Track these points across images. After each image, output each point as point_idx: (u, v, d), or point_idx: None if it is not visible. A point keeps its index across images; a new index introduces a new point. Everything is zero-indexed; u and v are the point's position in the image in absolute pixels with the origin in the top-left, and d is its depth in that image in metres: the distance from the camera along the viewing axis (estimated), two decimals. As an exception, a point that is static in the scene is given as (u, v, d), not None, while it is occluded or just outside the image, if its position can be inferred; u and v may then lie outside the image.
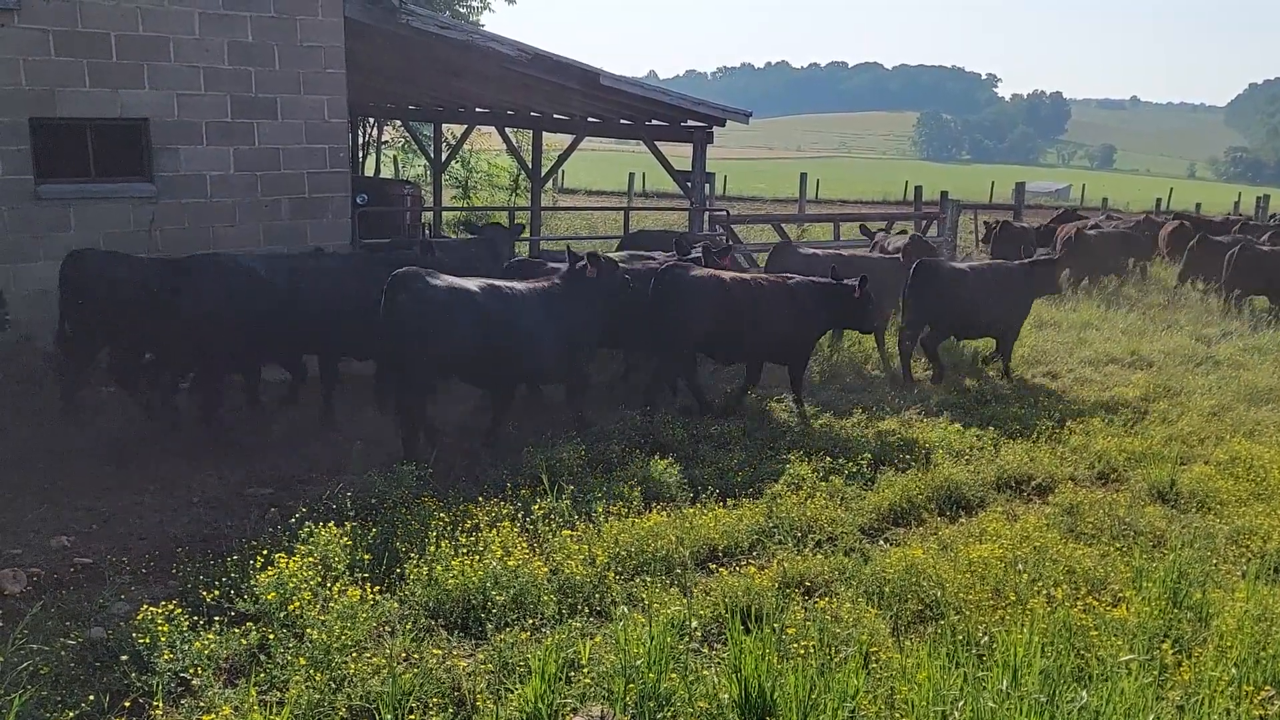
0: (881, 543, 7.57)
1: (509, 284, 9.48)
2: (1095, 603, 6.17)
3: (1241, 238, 18.59)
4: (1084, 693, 4.89)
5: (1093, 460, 9.42)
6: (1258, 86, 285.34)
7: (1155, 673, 5.30)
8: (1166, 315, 16.52)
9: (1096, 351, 13.97)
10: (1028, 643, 5.32)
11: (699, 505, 7.79)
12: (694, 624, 5.85)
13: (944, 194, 22.90)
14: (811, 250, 14.74)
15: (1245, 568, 6.95)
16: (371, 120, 29.01)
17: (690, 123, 17.30)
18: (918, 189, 25.70)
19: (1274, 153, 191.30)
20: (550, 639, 5.47)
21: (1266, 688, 5.12)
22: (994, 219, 22.09)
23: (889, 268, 13.52)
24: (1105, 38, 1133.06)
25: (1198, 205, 39.10)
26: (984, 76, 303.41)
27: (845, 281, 10.94)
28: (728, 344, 10.76)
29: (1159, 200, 39.25)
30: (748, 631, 5.53)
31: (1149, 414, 11.08)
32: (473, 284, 9.00)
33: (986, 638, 5.64)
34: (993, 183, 51.87)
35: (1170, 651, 5.53)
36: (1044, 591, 6.21)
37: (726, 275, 10.85)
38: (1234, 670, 5.29)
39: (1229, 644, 5.60)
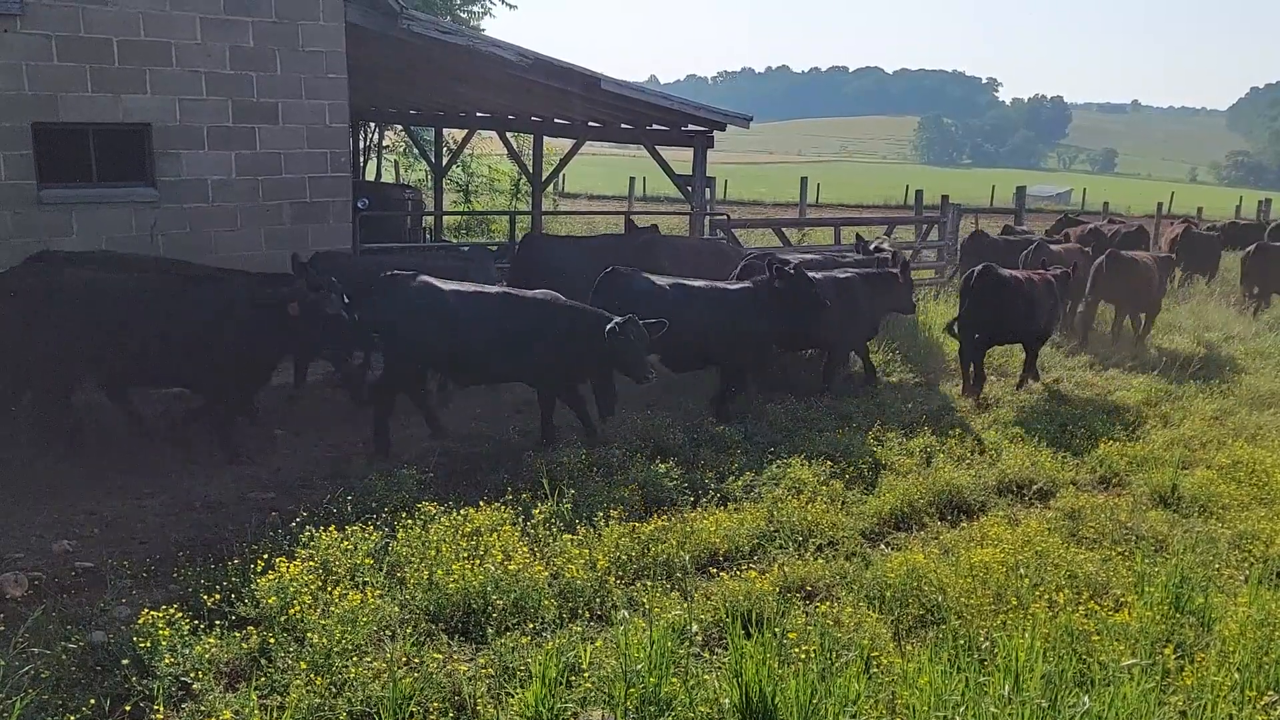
0: (883, 547, 7.57)
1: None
2: (1097, 607, 6.16)
3: None
4: (1086, 698, 4.88)
5: (1094, 465, 9.41)
6: (1260, 90, 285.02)
7: (1158, 678, 5.29)
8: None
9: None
10: (1029, 647, 5.31)
11: (700, 509, 7.79)
12: (695, 628, 5.85)
13: (945, 198, 22.86)
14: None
15: (1248, 572, 6.95)
16: (373, 125, 29.04)
17: (691, 127, 17.29)
18: (918, 193, 25.63)
19: (1276, 156, 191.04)
20: (551, 643, 5.46)
21: (1270, 693, 5.12)
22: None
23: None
24: (1106, 42, 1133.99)
25: (1199, 209, 39.06)
26: (985, 81, 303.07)
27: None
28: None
29: (1160, 204, 39.18)
30: (748, 636, 5.52)
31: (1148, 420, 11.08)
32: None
33: (988, 642, 5.64)
34: (994, 187, 51.89)
35: (1173, 656, 5.52)
36: (1046, 596, 6.20)
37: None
38: (1237, 675, 5.28)
39: (1232, 649, 5.59)
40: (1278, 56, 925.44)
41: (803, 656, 5.34)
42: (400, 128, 30.46)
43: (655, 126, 17.91)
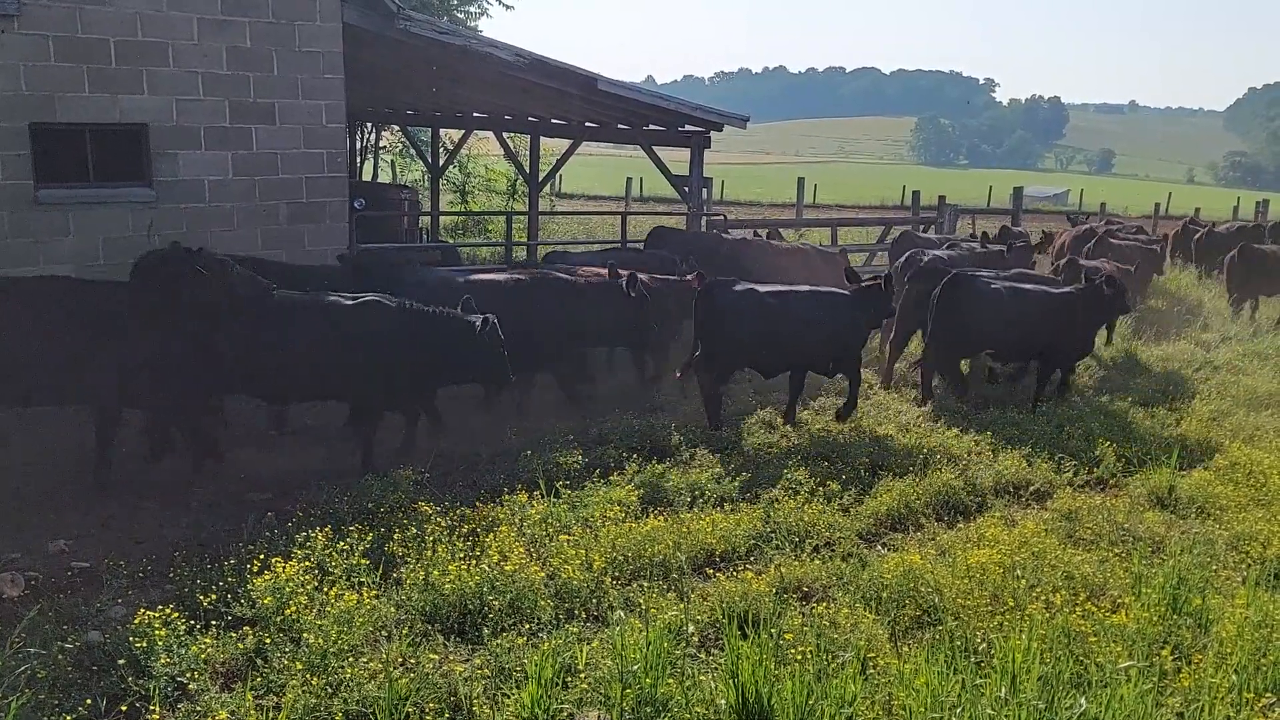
0: (879, 548, 7.57)
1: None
2: (1094, 609, 6.15)
3: None
4: (1083, 699, 4.88)
5: (1091, 465, 9.41)
6: (1257, 91, 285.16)
7: (1155, 679, 5.29)
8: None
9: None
10: (1026, 649, 5.32)
11: (696, 510, 7.79)
12: (691, 629, 5.85)
13: (941, 199, 22.91)
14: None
15: (1245, 574, 6.96)
16: (369, 125, 29.02)
17: (688, 127, 17.30)
18: (915, 194, 25.67)
19: (1274, 157, 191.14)
20: (547, 644, 5.47)
21: (1268, 695, 5.12)
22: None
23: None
24: (1103, 42, 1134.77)
25: (1197, 210, 39.10)
26: (982, 81, 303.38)
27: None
28: None
29: (1158, 205, 39.25)
30: (745, 637, 5.52)
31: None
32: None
33: (985, 644, 5.64)
34: (990, 187, 51.85)
35: (1170, 658, 5.53)
36: (1042, 597, 6.20)
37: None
38: (1234, 677, 5.29)
39: (1229, 650, 5.60)
40: (1275, 57, 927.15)
41: (799, 657, 5.34)
42: (397, 128, 30.44)
43: (652, 127, 17.91)
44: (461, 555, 6.50)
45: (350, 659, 5.34)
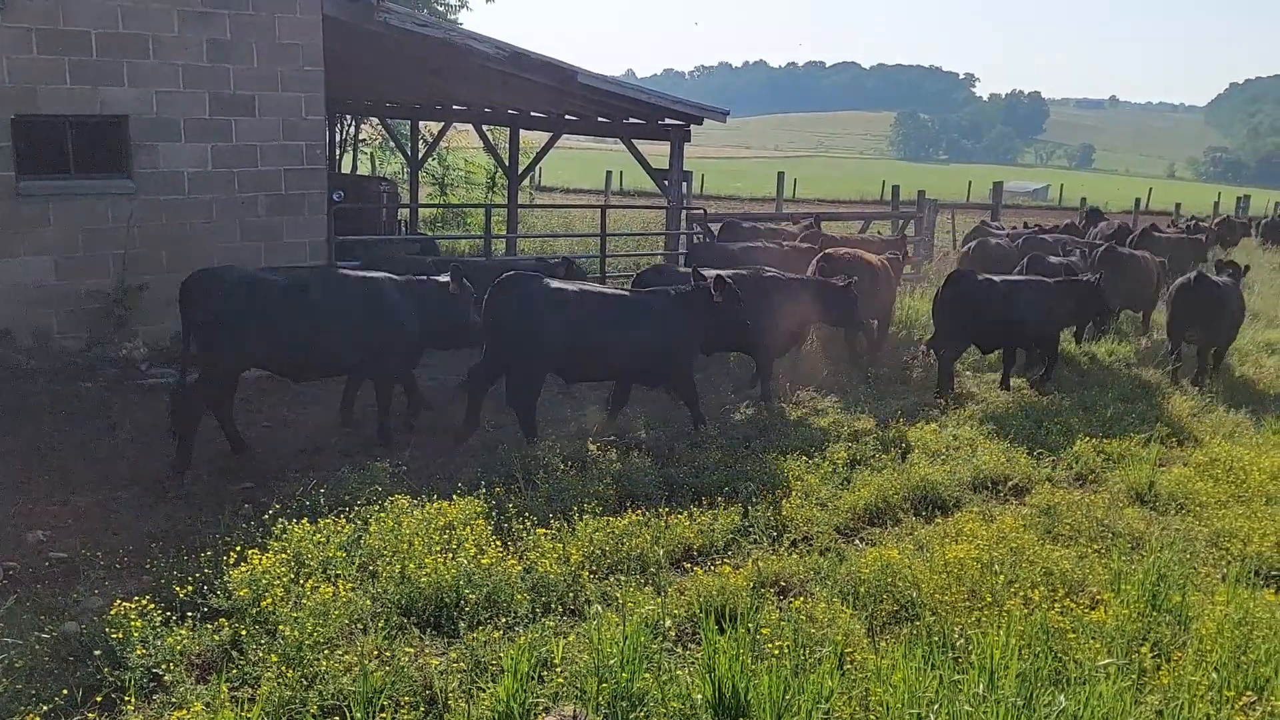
0: (857, 542, 7.58)
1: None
2: (1073, 605, 6.15)
3: None
4: (1061, 697, 4.89)
5: (1070, 461, 9.46)
6: (1238, 86, 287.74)
7: (1134, 676, 5.29)
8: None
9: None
10: (1004, 645, 5.32)
11: (674, 504, 7.79)
12: (668, 623, 5.84)
13: (921, 193, 23.01)
14: None
15: (1225, 571, 6.98)
16: (349, 117, 28.85)
17: (668, 121, 17.30)
18: (895, 188, 25.82)
19: (1254, 153, 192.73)
20: (523, 638, 5.45)
21: (1248, 693, 5.11)
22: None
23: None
24: (1084, 37, 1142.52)
25: (1177, 205, 39.41)
26: (962, 76, 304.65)
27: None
28: None
29: (1138, 200, 39.50)
30: (722, 631, 5.51)
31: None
32: None
33: (963, 639, 5.64)
34: (970, 182, 52.09)
35: (1149, 655, 5.54)
36: (1021, 593, 6.21)
37: None
38: (1214, 675, 5.27)
39: (1209, 648, 5.58)
40: (1256, 53, 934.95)
41: (776, 652, 5.35)
42: (376, 120, 30.29)
43: (632, 120, 17.90)
44: (438, 548, 6.47)
45: (326, 651, 5.31)
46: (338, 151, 27.62)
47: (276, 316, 8.51)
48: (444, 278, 9.59)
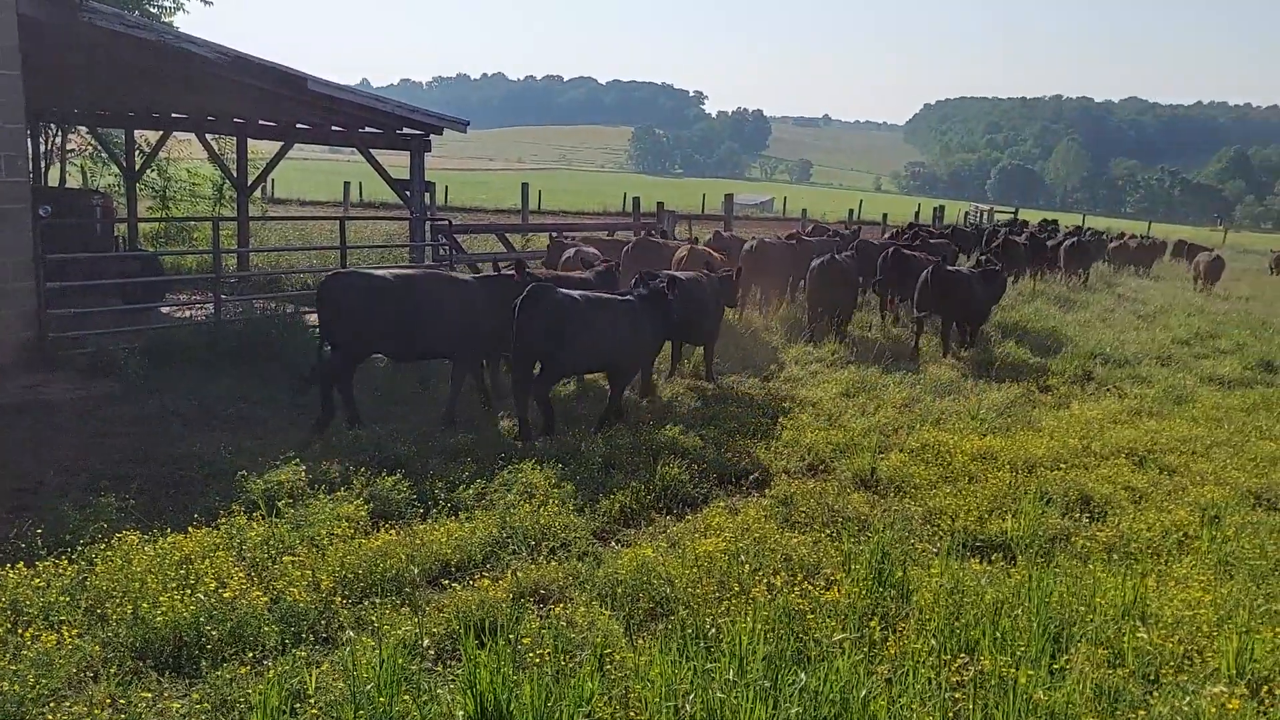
0: (614, 544, 7.71)
1: None
2: (811, 587, 6.54)
3: None
4: (803, 674, 5.17)
5: (803, 453, 10.02)
6: (931, 106, 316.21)
7: (865, 649, 5.69)
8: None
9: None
10: (752, 631, 5.59)
11: (430, 521, 7.63)
12: (426, 643, 5.71)
13: (660, 205, 23.84)
14: None
15: (939, 545, 7.62)
16: (54, 126, 26.41)
17: (407, 131, 16.99)
18: (635, 200, 26.49)
19: (946, 167, 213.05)
20: (272, 671, 5.17)
21: (962, 656, 5.61)
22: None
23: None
24: (799, 58, 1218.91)
25: (884, 215, 42.73)
26: (692, 94, 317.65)
27: None
28: None
29: (851, 211, 42.53)
30: (482, 645, 5.45)
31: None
32: None
33: (714, 629, 5.85)
34: (704, 195, 54.39)
35: (878, 628, 5.96)
36: (765, 580, 6.53)
37: None
38: (934, 641, 5.77)
39: (928, 617, 6.11)
40: (946, 75, 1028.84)
41: (537, 661, 5.34)
42: (86, 130, 27.89)
43: (369, 129, 17.44)
44: (174, 585, 6.03)
45: (52, 705, 4.85)
46: (43, 163, 25.22)
47: (390, 310, 10.10)
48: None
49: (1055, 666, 5.62)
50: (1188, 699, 5.07)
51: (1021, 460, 9.86)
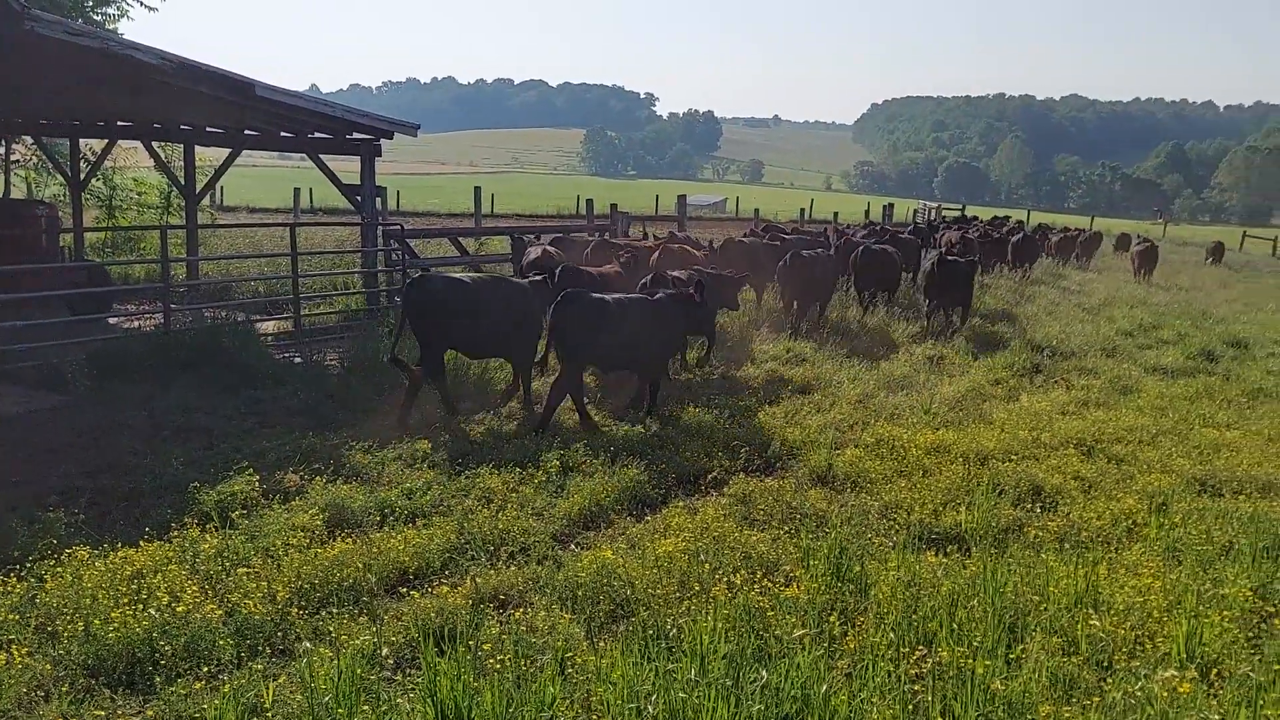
0: (574, 547, 7.69)
1: None
2: (770, 585, 6.58)
3: None
4: (764, 671, 5.20)
5: (761, 450, 10.05)
6: (878, 106, 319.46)
7: (825, 645, 5.74)
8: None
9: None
10: (713, 629, 5.61)
11: (387, 528, 7.57)
12: (385, 652, 5.67)
13: (614, 206, 23.84)
14: None
15: (895, 539, 7.70)
16: (-5, 137, 25.82)
17: (357, 136, 16.82)
18: (589, 202, 26.47)
19: (894, 165, 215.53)
20: (228, 685, 5.11)
21: (920, 648, 5.67)
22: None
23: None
24: (748, 59, 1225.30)
25: (835, 214, 43.05)
26: (643, 95, 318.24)
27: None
28: None
29: (803, 210, 42.82)
30: (442, 653, 5.42)
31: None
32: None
33: (675, 629, 5.86)
34: (657, 196, 54.48)
35: (837, 623, 6.01)
36: (725, 579, 6.55)
37: None
38: (892, 634, 5.83)
39: (886, 610, 6.17)
40: (893, 75, 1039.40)
41: (498, 667, 5.32)
42: (30, 139, 27.30)
43: (319, 135, 17.25)
44: (126, 600, 5.93)
45: (-2, 728, 4.75)
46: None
47: (466, 311, 10.89)
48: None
49: (1011, 656, 5.70)
50: (1140, 684, 5.16)
51: (974, 453, 9.98)
